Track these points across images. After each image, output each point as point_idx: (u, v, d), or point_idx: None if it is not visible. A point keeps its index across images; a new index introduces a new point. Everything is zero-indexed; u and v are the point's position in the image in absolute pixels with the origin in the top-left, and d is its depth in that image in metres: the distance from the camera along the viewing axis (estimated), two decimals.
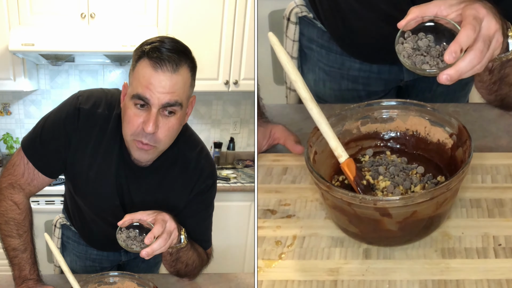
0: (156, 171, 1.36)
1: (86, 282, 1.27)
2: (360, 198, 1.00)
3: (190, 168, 1.39)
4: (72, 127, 1.32)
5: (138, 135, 1.25)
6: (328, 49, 1.59)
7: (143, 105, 1.23)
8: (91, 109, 1.33)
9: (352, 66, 1.59)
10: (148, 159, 1.32)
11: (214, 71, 3.18)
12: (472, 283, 1.03)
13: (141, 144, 1.26)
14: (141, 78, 1.22)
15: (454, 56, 0.94)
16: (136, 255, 1.63)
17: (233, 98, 3.52)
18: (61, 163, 1.36)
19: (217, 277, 1.48)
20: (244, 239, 3.19)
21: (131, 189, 1.38)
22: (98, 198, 1.40)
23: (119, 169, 1.36)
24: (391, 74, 1.58)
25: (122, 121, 1.28)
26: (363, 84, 1.61)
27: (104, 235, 1.46)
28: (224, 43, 3.15)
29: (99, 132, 1.33)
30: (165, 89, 1.21)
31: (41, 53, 3.03)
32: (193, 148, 1.40)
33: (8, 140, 3.37)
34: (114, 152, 1.34)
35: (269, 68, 3.00)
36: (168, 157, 1.35)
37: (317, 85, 1.66)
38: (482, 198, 1.20)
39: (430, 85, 1.65)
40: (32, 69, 3.28)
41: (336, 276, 1.07)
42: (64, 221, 1.65)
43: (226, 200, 3.10)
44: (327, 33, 1.57)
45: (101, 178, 1.36)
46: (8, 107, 3.45)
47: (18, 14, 2.98)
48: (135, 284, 1.30)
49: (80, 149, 1.34)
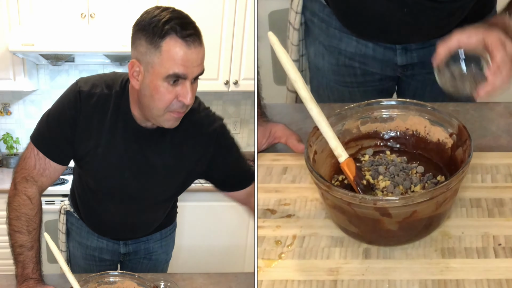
0: (167, 130, 1.39)
1: (86, 282, 1.27)
2: (360, 198, 1.00)
3: (195, 118, 1.43)
4: (75, 110, 1.38)
5: (173, 107, 1.30)
6: (328, 23, 1.61)
7: (175, 80, 1.27)
8: (91, 90, 1.38)
9: (350, 43, 1.61)
10: (177, 124, 1.36)
11: (214, 71, 3.18)
12: (472, 283, 1.03)
13: (177, 113, 1.32)
14: (176, 57, 1.25)
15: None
16: (135, 248, 1.67)
17: (233, 98, 3.52)
18: (69, 147, 1.41)
19: (217, 277, 1.48)
20: (244, 239, 3.19)
21: (149, 155, 1.42)
22: (108, 172, 1.44)
23: (129, 142, 1.40)
24: (385, 56, 1.60)
25: (151, 99, 1.30)
26: (359, 62, 1.62)
27: (111, 221, 1.55)
28: (224, 43, 3.15)
29: (102, 110, 1.38)
30: (197, 63, 1.29)
31: (41, 53, 3.03)
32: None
33: (8, 140, 3.37)
34: (119, 126, 1.39)
35: (269, 68, 3.00)
36: None
37: (317, 58, 1.69)
38: (482, 198, 1.20)
39: (426, 85, 1.65)
40: (32, 69, 3.28)
41: (336, 276, 1.07)
42: (68, 207, 1.70)
43: (226, 200, 3.10)
44: (328, 7, 1.59)
45: (109, 152, 1.40)
46: (8, 107, 3.45)
47: (18, 14, 2.99)
48: (135, 284, 1.30)
49: (85, 129, 1.39)
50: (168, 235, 1.77)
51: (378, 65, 1.62)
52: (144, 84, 1.30)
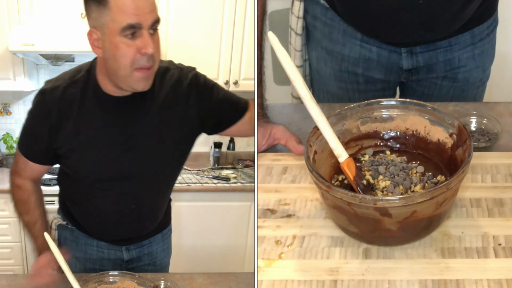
0: (144, 95, 1.38)
1: (86, 282, 1.27)
2: (360, 198, 1.00)
3: (168, 76, 1.42)
4: (43, 111, 1.41)
5: (138, 62, 1.29)
6: (331, 27, 1.60)
7: (133, 33, 1.26)
8: (53, 86, 1.41)
9: (353, 48, 1.60)
10: (149, 85, 1.35)
11: (214, 71, 3.18)
12: (472, 283, 1.03)
13: (144, 70, 1.30)
14: (125, 8, 1.25)
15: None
16: (138, 254, 1.63)
17: None
18: (44, 148, 1.45)
19: (217, 277, 1.48)
20: (244, 239, 3.19)
21: (130, 125, 1.41)
22: (94, 155, 1.43)
23: (107, 116, 1.40)
24: (390, 60, 1.59)
25: (114, 59, 1.30)
26: (363, 68, 1.61)
27: (111, 214, 1.54)
28: (224, 43, 3.15)
29: (69, 101, 1.39)
30: (149, 9, 1.26)
31: (41, 53, 3.03)
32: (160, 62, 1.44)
33: (8, 140, 3.37)
34: (93, 105, 1.40)
35: (269, 68, 3.00)
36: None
37: (319, 64, 1.68)
38: (482, 198, 1.20)
39: (432, 90, 1.65)
40: (32, 69, 3.28)
41: (336, 276, 1.07)
42: (59, 221, 1.65)
43: (226, 200, 3.10)
44: (331, 10, 1.58)
45: (89, 134, 1.41)
46: (8, 107, 3.45)
47: (18, 14, 2.99)
48: (135, 284, 1.30)
49: (58, 125, 1.40)
50: (168, 236, 1.74)
51: (382, 70, 1.61)
52: (104, 48, 1.30)
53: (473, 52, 1.60)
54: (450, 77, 1.62)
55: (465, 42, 1.58)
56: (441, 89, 1.65)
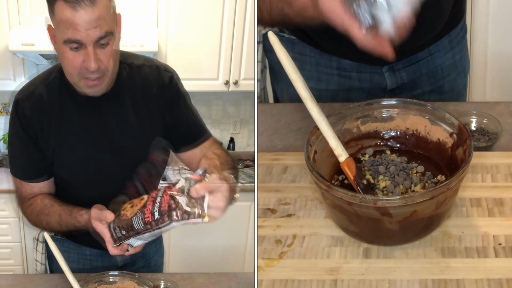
0: (119, 95, 1.36)
1: (86, 282, 1.27)
2: (360, 197, 1.00)
3: (141, 75, 1.39)
4: (21, 122, 1.37)
5: (84, 74, 1.26)
6: (302, 62, 1.52)
7: (77, 47, 1.24)
8: (27, 91, 1.37)
9: (330, 80, 1.53)
10: (103, 89, 1.32)
11: (214, 71, 3.18)
12: (472, 283, 1.03)
13: (90, 81, 1.27)
14: (65, 21, 1.21)
15: None
16: (133, 257, 1.59)
17: (233, 98, 3.52)
18: (41, 159, 1.39)
19: (217, 277, 1.48)
20: (244, 238, 3.19)
21: (106, 123, 1.38)
22: (77, 156, 1.39)
23: (84, 115, 1.36)
24: (373, 83, 1.53)
25: (62, 65, 1.29)
26: (343, 99, 1.55)
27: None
28: (224, 43, 3.15)
29: (45, 104, 1.36)
30: (92, 25, 1.21)
31: (41, 53, 3.03)
32: (136, 59, 1.42)
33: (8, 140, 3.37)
34: (68, 105, 1.36)
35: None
36: (121, 78, 1.36)
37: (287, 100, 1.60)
38: (482, 197, 1.20)
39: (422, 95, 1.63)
40: (32, 69, 3.28)
41: (336, 276, 1.07)
42: (48, 232, 1.55)
43: None
44: (298, 43, 1.50)
45: (70, 134, 1.37)
46: (8, 107, 3.44)
47: (18, 14, 2.98)
48: (135, 284, 1.30)
49: (38, 131, 1.37)
50: (160, 236, 1.73)
51: (364, 97, 1.52)
52: (56, 50, 1.29)
53: (454, 59, 1.58)
54: (436, 90, 1.59)
55: (445, 48, 1.56)
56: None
